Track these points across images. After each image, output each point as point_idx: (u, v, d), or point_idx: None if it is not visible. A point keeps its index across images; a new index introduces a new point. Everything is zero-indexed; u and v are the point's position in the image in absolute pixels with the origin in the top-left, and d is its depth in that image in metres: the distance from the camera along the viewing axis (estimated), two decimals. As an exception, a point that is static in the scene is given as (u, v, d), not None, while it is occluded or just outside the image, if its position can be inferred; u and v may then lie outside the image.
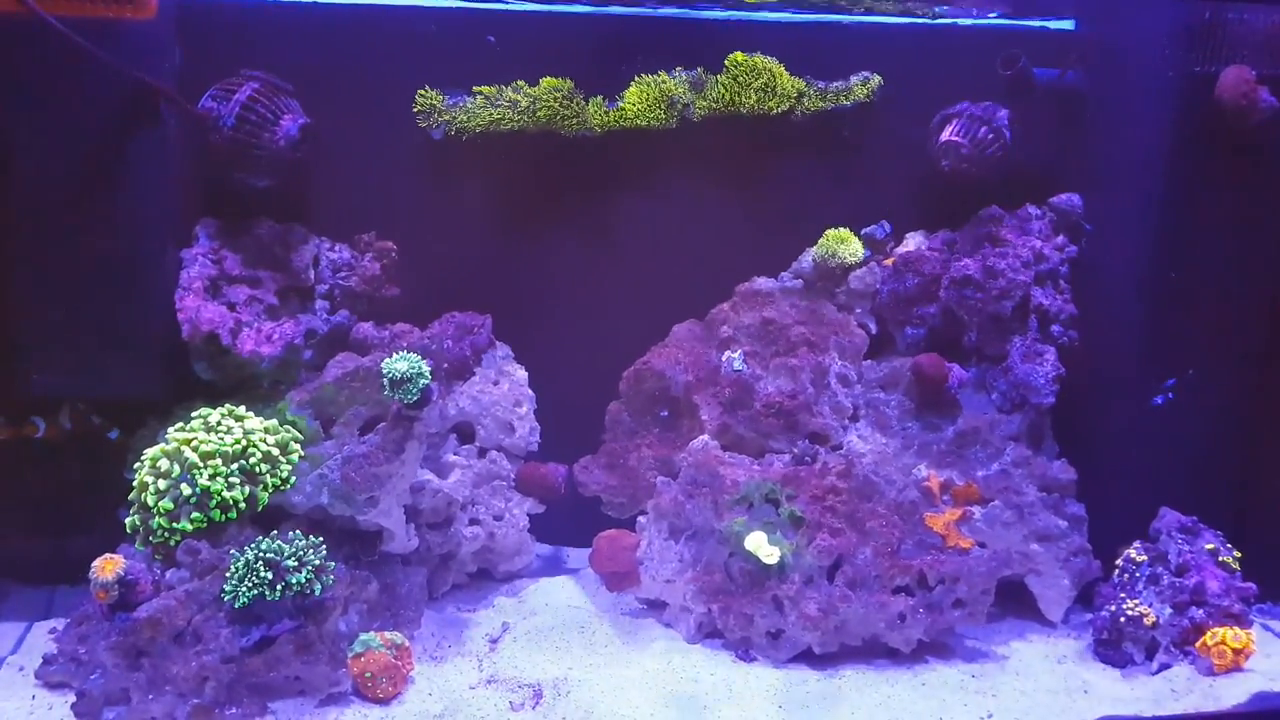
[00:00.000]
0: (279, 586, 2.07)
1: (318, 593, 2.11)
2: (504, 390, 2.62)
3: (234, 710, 2.04)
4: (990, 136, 2.61)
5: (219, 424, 2.25)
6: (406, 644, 2.21)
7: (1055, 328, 2.64)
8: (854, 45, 2.70)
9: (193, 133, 2.37)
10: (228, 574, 2.09)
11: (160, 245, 2.39)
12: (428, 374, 2.24)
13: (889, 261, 2.74)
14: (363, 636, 2.16)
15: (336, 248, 2.63)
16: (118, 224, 2.30)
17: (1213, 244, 2.48)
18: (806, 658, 2.33)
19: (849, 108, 2.69)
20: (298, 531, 2.18)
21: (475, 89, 2.60)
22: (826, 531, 2.38)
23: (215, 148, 2.35)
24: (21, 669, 2.21)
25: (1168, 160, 2.45)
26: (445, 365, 2.55)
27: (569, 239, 2.73)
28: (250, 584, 2.06)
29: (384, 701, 2.13)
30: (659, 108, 2.64)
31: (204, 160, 2.40)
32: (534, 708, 2.14)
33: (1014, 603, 2.54)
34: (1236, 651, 2.25)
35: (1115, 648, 2.37)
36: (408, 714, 2.10)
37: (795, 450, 2.56)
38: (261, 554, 2.08)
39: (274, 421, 2.32)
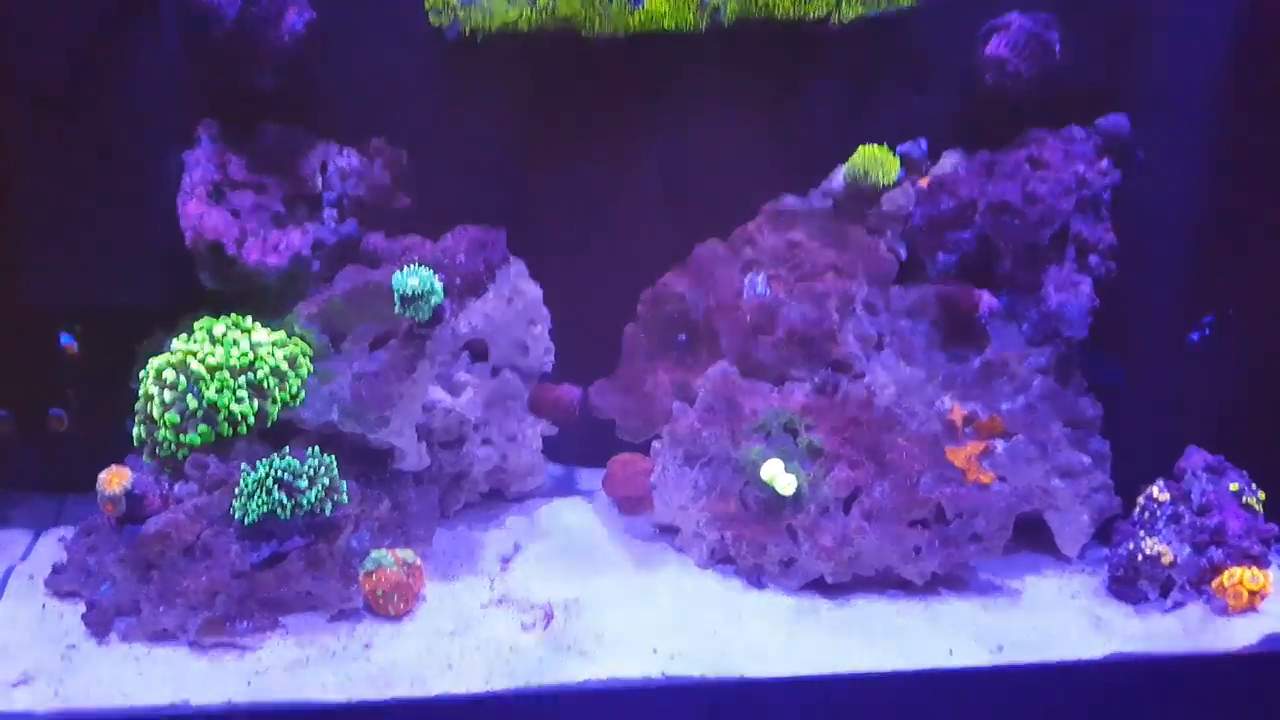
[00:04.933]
0: (290, 505, 2.04)
1: (329, 512, 2.08)
2: (518, 308, 2.55)
3: (245, 624, 2.04)
4: (1039, 51, 2.45)
5: (224, 336, 2.19)
6: (418, 562, 2.20)
7: (1093, 258, 2.52)
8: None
9: (193, 26, 2.23)
10: (237, 490, 2.07)
11: (160, 147, 2.29)
12: (440, 291, 2.17)
13: (924, 182, 2.61)
14: (374, 554, 2.15)
15: (345, 153, 2.51)
16: (114, 124, 2.21)
17: (1269, 174, 2.35)
18: (818, 586, 2.32)
19: (892, 14, 2.53)
20: (314, 449, 2.14)
21: (492, -16, 2.44)
22: (845, 463, 2.34)
23: (216, 43, 2.22)
24: (31, 577, 2.21)
25: (1227, 80, 2.31)
26: (458, 280, 2.46)
27: (589, 150, 2.60)
28: (260, 501, 2.04)
29: (395, 618, 2.13)
30: (687, 9, 2.47)
31: (204, 57, 2.28)
32: (544, 628, 2.14)
33: (1030, 536, 2.51)
34: (1253, 593, 2.23)
35: (1130, 585, 2.35)
36: (419, 631, 2.11)
37: (817, 379, 2.50)
38: (273, 471, 2.05)
39: (282, 334, 2.27)
